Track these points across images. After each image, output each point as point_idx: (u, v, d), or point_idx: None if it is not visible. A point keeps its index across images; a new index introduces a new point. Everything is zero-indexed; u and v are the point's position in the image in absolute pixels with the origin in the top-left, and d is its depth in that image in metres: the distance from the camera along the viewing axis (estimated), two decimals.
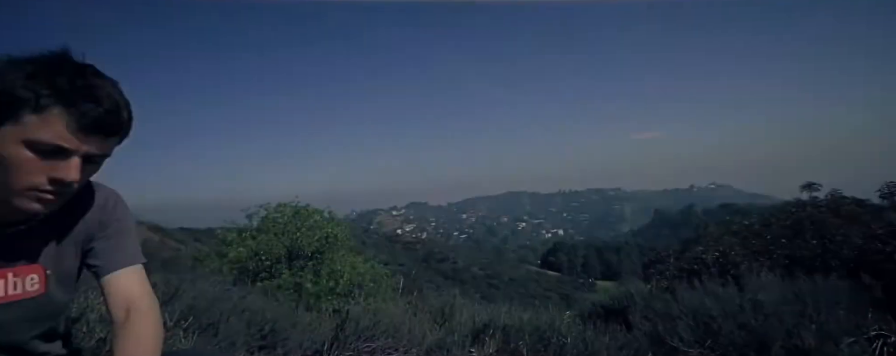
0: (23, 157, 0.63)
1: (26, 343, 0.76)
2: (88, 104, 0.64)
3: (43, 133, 0.62)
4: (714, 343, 2.77)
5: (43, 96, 0.62)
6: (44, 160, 0.64)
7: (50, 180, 0.65)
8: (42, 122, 0.62)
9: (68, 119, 0.63)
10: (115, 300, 0.81)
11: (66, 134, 0.63)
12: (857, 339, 2.55)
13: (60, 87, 0.63)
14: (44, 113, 0.62)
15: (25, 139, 0.62)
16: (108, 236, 0.83)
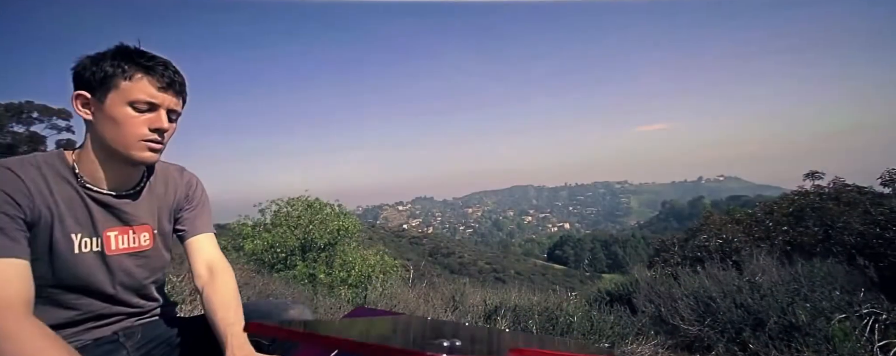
0: (128, 115, 0.83)
1: (144, 287, 0.95)
2: (160, 68, 0.85)
3: (137, 93, 0.83)
4: (713, 321, 2.93)
5: (127, 68, 0.83)
6: (142, 114, 0.84)
7: (150, 129, 0.85)
8: (133, 85, 0.83)
9: (150, 81, 0.84)
10: (197, 259, 1.01)
11: (153, 91, 0.84)
12: (849, 316, 2.70)
13: (137, 60, 0.84)
14: (132, 79, 0.83)
15: (127, 100, 0.83)
16: (192, 208, 1.03)
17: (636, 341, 2.88)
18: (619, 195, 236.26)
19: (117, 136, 0.83)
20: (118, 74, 0.82)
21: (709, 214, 5.77)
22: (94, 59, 0.83)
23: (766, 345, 2.55)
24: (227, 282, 0.98)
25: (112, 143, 0.84)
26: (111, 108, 0.82)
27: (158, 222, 0.97)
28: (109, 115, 0.82)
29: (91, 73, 0.81)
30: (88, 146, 0.86)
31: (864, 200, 4.59)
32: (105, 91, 0.82)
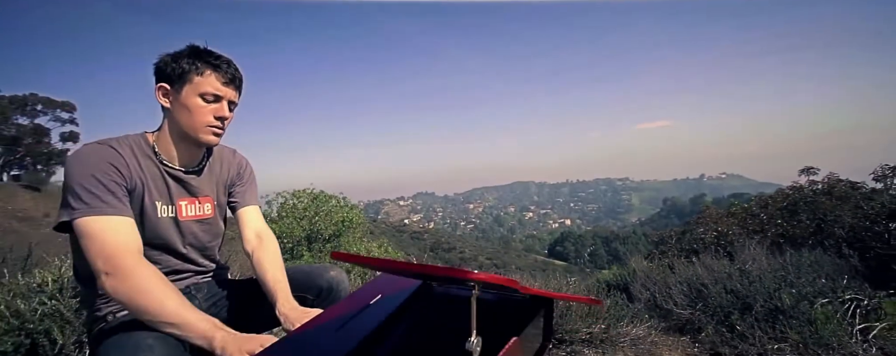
0: (198, 104, 1.01)
1: (207, 249, 1.12)
2: (224, 66, 1.03)
3: (206, 87, 1.01)
4: (704, 306, 3.11)
5: (199, 65, 1.00)
6: (209, 105, 1.02)
7: (215, 117, 1.03)
8: (203, 80, 1.00)
9: (217, 77, 1.02)
10: (247, 227, 1.18)
11: (219, 85, 1.02)
12: (831, 301, 2.87)
13: (207, 59, 1.01)
14: (203, 75, 1.00)
15: (198, 92, 1.00)
16: (242, 184, 1.21)
17: (631, 323, 3.06)
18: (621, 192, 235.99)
19: (189, 122, 1.00)
20: (192, 70, 0.99)
21: (706, 208, 5.93)
22: (173, 57, 0.99)
23: (752, 327, 2.73)
24: (273, 247, 1.16)
25: (185, 128, 1.00)
26: (185, 98, 0.99)
27: (217, 195, 1.15)
28: (184, 104, 0.99)
29: (171, 68, 0.98)
30: (165, 130, 1.03)
31: (855, 195, 4.75)
32: (181, 84, 0.99)
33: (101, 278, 0.84)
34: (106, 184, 0.90)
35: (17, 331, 1.58)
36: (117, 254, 0.85)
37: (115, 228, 0.88)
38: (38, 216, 20.56)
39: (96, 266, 0.85)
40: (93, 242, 0.86)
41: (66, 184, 0.90)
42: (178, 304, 0.84)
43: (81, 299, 1.03)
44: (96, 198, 0.88)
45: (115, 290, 0.83)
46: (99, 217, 0.87)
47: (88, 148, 0.94)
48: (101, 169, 0.90)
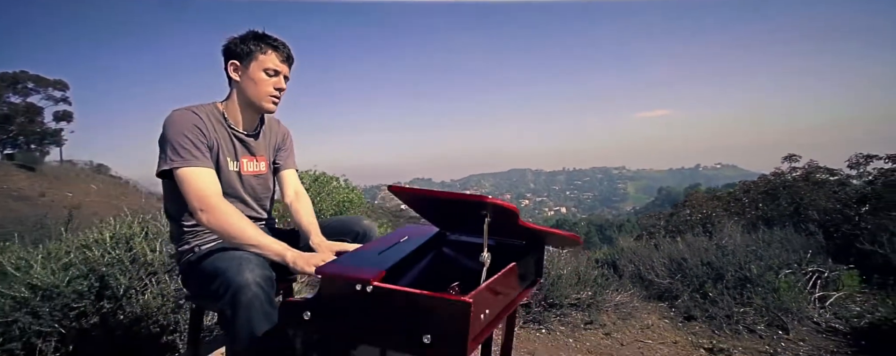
0: (262, 78, 1.23)
1: (261, 200, 1.37)
2: (281, 47, 1.26)
3: (269, 63, 1.23)
4: (682, 276, 3.42)
5: (263, 46, 1.23)
6: (270, 78, 1.24)
7: (275, 88, 1.25)
8: (267, 58, 1.23)
9: (277, 55, 1.24)
10: (287, 185, 1.44)
11: (278, 62, 1.25)
12: (794, 272, 3.19)
13: (268, 41, 1.24)
14: (266, 54, 1.23)
15: (263, 68, 1.23)
16: (285, 149, 1.45)
17: (615, 291, 3.37)
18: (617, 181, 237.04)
19: (255, 92, 1.23)
20: (257, 50, 1.22)
21: (693, 192, 6.23)
22: (241, 39, 1.22)
23: (722, 294, 3.04)
24: (307, 201, 1.42)
25: (251, 97, 1.24)
26: (252, 72, 1.22)
27: (269, 156, 1.39)
28: (251, 77, 1.22)
29: (240, 48, 1.21)
30: (234, 99, 1.26)
31: (831, 181, 5.05)
32: (249, 61, 1.22)
33: (197, 214, 1.08)
34: (195, 143, 1.14)
35: (88, 275, 1.85)
36: (207, 194, 1.10)
37: (203, 176, 1.12)
38: (34, 195, 20.56)
39: (191, 204, 1.10)
40: (189, 186, 1.10)
41: (163, 141, 1.13)
42: (256, 231, 1.09)
43: (172, 235, 1.27)
44: (189, 152, 1.12)
45: (209, 222, 1.07)
46: (192, 168, 1.11)
47: (178, 114, 1.17)
48: (190, 130, 1.14)
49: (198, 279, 1.14)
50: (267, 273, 1.00)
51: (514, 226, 0.99)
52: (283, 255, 1.05)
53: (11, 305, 1.71)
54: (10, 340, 1.68)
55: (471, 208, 0.89)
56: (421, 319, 0.79)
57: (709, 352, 2.53)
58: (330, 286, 0.85)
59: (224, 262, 1.01)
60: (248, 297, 0.93)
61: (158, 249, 2.12)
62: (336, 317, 0.85)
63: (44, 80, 29.73)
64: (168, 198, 1.23)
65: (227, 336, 1.00)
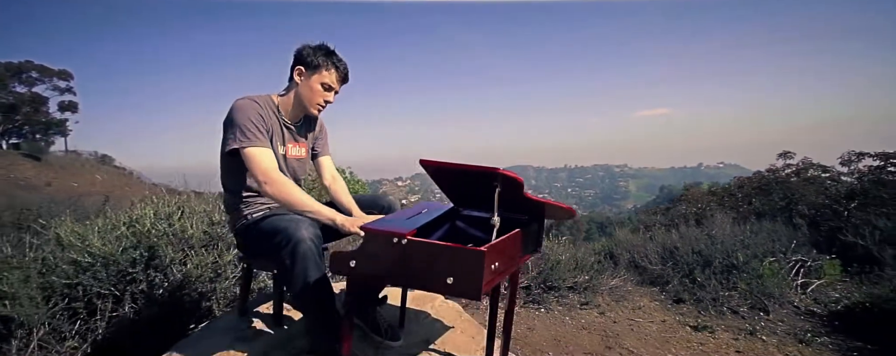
0: (318, 89, 1.43)
1: (299, 180, 1.59)
2: (342, 67, 1.47)
3: (328, 79, 1.42)
4: (674, 263, 3.64)
5: (329, 63, 1.44)
6: (324, 91, 1.44)
7: (324, 100, 1.46)
8: (328, 74, 1.42)
9: (336, 74, 1.44)
10: (325, 170, 1.65)
11: (335, 81, 1.44)
12: (777, 259, 3.40)
13: (333, 60, 1.45)
14: (328, 70, 1.42)
15: (321, 81, 1.42)
16: (322, 139, 1.67)
17: (611, 276, 3.59)
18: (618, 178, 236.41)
19: (309, 97, 1.44)
20: (323, 65, 1.42)
21: (690, 187, 6.43)
22: (313, 50, 1.42)
23: (710, 279, 3.26)
24: (343, 183, 1.64)
25: (303, 100, 1.45)
26: (312, 81, 1.43)
27: (309, 143, 1.61)
28: (309, 85, 1.43)
29: (310, 58, 1.41)
30: (290, 95, 1.47)
31: (823, 177, 5.24)
32: (313, 71, 1.42)
33: (262, 186, 1.29)
34: (258, 127, 1.34)
35: (137, 246, 2.08)
36: (270, 170, 1.30)
37: (266, 155, 1.33)
38: (40, 185, 20.85)
39: (257, 178, 1.30)
40: (254, 163, 1.31)
41: (230, 125, 1.34)
42: (311, 200, 1.30)
43: (227, 206, 1.48)
44: (253, 135, 1.33)
45: (273, 192, 1.28)
46: (257, 148, 1.32)
47: (243, 102, 1.38)
48: (254, 116, 1.35)
49: (256, 239, 1.36)
50: (317, 232, 1.22)
51: (518, 198, 1.20)
52: (333, 219, 1.26)
53: (75, 270, 1.94)
54: (75, 300, 1.91)
55: (484, 179, 1.11)
56: (445, 265, 1.00)
57: (693, 329, 2.76)
58: (372, 240, 1.07)
59: (284, 223, 1.23)
60: (304, 249, 1.15)
61: (194, 226, 2.34)
62: (376, 264, 1.07)
63: (48, 70, 29.91)
64: (227, 174, 1.44)
65: (284, 281, 1.22)
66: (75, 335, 1.89)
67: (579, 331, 2.73)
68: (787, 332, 2.69)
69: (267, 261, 1.42)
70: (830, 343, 2.54)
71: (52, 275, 1.94)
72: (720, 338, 2.62)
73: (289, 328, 1.51)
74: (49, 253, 2.07)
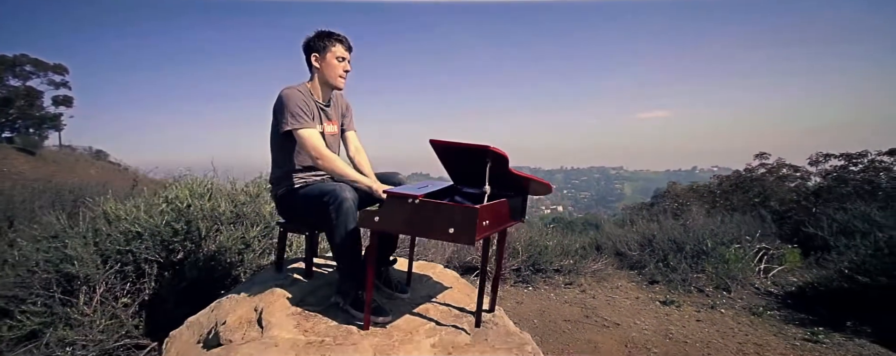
0: (335, 64, 1.70)
1: (336, 153, 1.91)
2: (345, 40, 1.80)
3: (339, 52, 1.70)
4: (651, 250, 3.99)
5: (332, 41, 1.76)
6: (340, 63, 1.73)
7: (343, 70, 1.75)
8: (336, 49, 1.69)
9: (342, 46, 1.71)
10: (350, 143, 1.98)
11: (343, 51, 1.71)
12: (742, 246, 3.77)
13: (335, 36, 1.78)
14: (335, 46, 1.70)
15: (335, 56, 1.70)
16: (348, 115, 1.99)
17: (594, 261, 3.94)
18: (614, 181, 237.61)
19: (331, 74, 1.77)
20: (329, 44, 1.73)
21: (672, 184, 6.82)
22: (316, 37, 1.73)
23: (681, 262, 3.62)
24: (365, 156, 1.96)
25: (328, 78, 1.77)
26: (328, 59, 1.75)
27: (338, 120, 1.93)
28: (327, 63, 1.75)
29: (317, 44, 1.73)
30: (315, 81, 1.79)
31: (794, 176, 5.63)
32: (325, 52, 1.74)
33: (315, 161, 1.61)
34: (305, 111, 1.66)
35: (178, 219, 2.39)
36: (320, 147, 1.62)
37: (315, 134, 1.65)
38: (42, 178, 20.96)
39: (311, 154, 1.62)
40: (306, 142, 1.63)
41: (281, 110, 1.64)
42: (352, 170, 1.63)
43: (273, 178, 1.80)
44: (303, 118, 1.64)
45: (324, 165, 1.60)
46: (307, 129, 1.64)
47: (289, 91, 1.69)
48: (301, 102, 1.67)
49: (302, 202, 1.67)
50: (356, 195, 1.54)
51: (505, 172, 1.54)
52: (368, 184, 1.59)
53: (126, 239, 2.26)
54: (126, 264, 2.23)
55: (479, 154, 1.44)
56: (448, 219, 1.33)
57: (662, 303, 3.11)
58: (392, 201, 1.40)
59: (331, 186, 1.55)
60: (347, 206, 1.48)
61: (224, 205, 2.66)
62: (395, 219, 1.40)
63: (43, 64, 29.85)
64: (279, 151, 1.76)
65: (328, 232, 1.54)
66: (127, 294, 2.20)
67: (562, 305, 3.07)
68: (744, 307, 3.05)
69: (303, 225, 1.75)
70: (779, 315, 2.90)
71: (105, 242, 2.25)
72: (684, 311, 2.97)
73: (316, 280, 1.84)
74: (101, 225, 2.38)
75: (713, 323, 2.76)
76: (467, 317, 1.70)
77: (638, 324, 2.72)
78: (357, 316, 1.55)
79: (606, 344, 2.44)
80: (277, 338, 1.39)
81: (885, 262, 2.89)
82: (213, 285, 2.43)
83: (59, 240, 2.26)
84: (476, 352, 1.45)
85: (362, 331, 1.47)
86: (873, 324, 2.64)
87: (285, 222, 1.82)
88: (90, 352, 1.90)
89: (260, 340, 1.38)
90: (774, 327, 2.71)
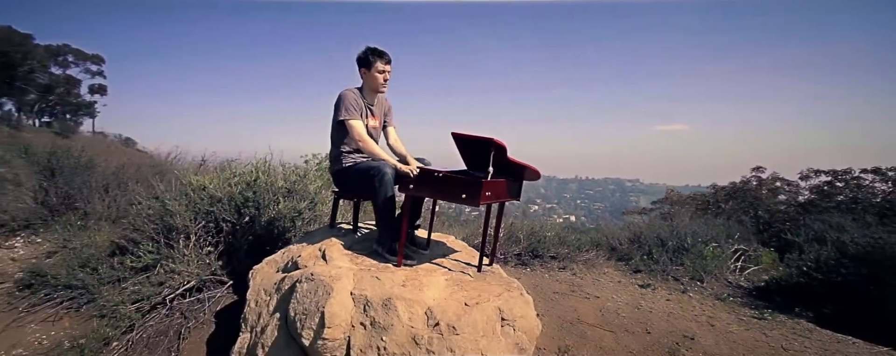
0: (377, 76, 2.29)
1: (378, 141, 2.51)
2: (386, 56, 2.38)
3: (380, 66, 2.29)
4: (639, 244, 4.49)
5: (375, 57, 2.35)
6: (381, 74, 2.35)
7: (383, 79, 2.38)
8: (378, 63, 2.31)
9: (383, 62, 2.35)
10: (390, 136, 2.57)
11: (384, 66, 2.34)
12: (720, 245, 4.23)
13: (379, 53, 2.36)
14: (378, 60, 2.34)
15: (377, 69, 2.33)
16: (389, 114, 2.59)
17: (586, 252, 4.46)
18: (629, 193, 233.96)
19: (374, 83, 2.36)
20: (373, 59, 2.32)
21: (671, 191, 7.24)
22: (364, 53, 2.32)
23: (663, 255, 4.11)
24: (402, 144, 2.55)
25: (372, 85, 2.37)
26: (373, 72, 2.34)
27: (381, 117, 2.53)
28: (371, 75, 2.34)
29: (366, 59, 2.33)
30: (365, 86, 2.38)
31: (785, 189, 6.02)
32: (369, 66, 2.34)
33: (358, 144, 2.20)
34: (356, 107, 2.26)
35: (247, 190, 3.03)
36: (363, 134, 2.22)
37: (360, 125, 2.24)
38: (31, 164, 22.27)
39: (355, 139, 2.19)
40: (353, 130, 2.21)
41: (340, 105, 2.22)
42: (386, 153, 2.21)
43: (331, 156, 2.40)
44: (354, 111, 2.24)
45: (365, 148, 2.18)
46: (356, 120, 2.24)
47: (347, 92, 2.28)
48: (355, 100, 2.26)
49: (354, 176, 2.27)
50: (394, 171, 2.13)
51: (506, 160, 2.11)
52: (396, 166, 2.18)
53: (210, 203, 2.90)
54: (209, 222, 2.87)
55: (486, 144, 2.01)
56: (461, 187, 1.91)
57: (640, 287, 3.61)
58: (423, 174, 1.99)
59: (377, 163, 2.14)
60: (388, 178, 2.07)
61: (280, 181, 3.29)
62: (424, 186, 1.99)
63: (83, 54, 31.75)
64: (334, 135, 2.36)
65: (372, 197, 2.13)
66: (210, 244, 2.84)
67: (554, 282, 3.60)
68: (711, 294, 3.53)
69: (352, 194, 2.35)
70: (741, 302, 3.38)
71: (195, 204, 2.90)
72: (658, 293, 3.47)
73: (359, 236, 2.43)
74: (189, 191, 3.03)
75: (679, 302, 3.26)
76: (472, 268, 2.27)
77: (615, 298, 3.24)
78: (391, 260, 2.14)
79: (585, 309, 2.97)
80: (339, 265, 1.99)
81: (839, 262, 3.35)
82: (271, 243, 3.06)
83: (160, 200, 2.92)
84: (477, 285, 2.02)
85: (395, 267, 2.06)
86: (816, 311, 3.10)
87: (338, 192, 2.43)
88: (188, 281, 2.54)
89: (327, 266, 1.99)
90: (731, 308, 3.20)
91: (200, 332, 2.28)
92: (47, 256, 2.89)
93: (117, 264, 2.62)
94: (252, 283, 2.17)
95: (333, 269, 1.93)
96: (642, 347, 2.45)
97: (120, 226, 3.02)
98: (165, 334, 2.22)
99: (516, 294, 2.00)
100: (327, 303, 1.67)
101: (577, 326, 2.70)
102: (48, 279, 2.46)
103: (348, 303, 1.72)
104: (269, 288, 2.04)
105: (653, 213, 6.71)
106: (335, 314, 1.65)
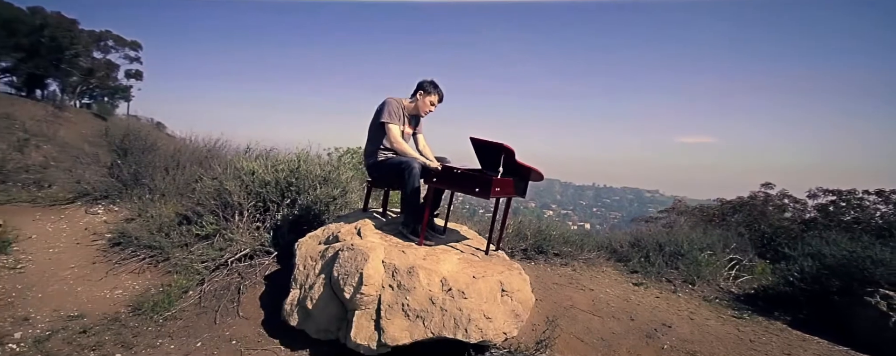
0: (427, 105, 2.81)
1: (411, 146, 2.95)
2: (441, 94, 2.84)
3: (434, 99, 2.82)
4: (638, 248, 4.81)
5: (435, 91, 2.81)
6: (431, 106, 2.83)
7: (429, 109, 2.83)
8: (433, 97, 2.81)
9: (437, 97, 2.83)
10: (419, 141, 3.01)
11: (436, 100, 2.84)
12: (714, 252, 4.51)
13: (437, 89, 2.83)
14: (433, 95, 2.81)
15: (430, 100, 2.81)
16: (421, 126, 3.02)
17: (589, 251, 4.81)
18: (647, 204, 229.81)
19: (423, 108, 2.79)
20: (432, 92, 2.76)
21: (678, 201, 7.44)
22: (429, 83, 2.76)
23: (660, 259, 4.43)
24: (429, 149, 2.98)
25: (419, 108, 2.80)
26: (426, 100, 2.77)
27: (414, 128, 2.96)
28: (424, 101, 2.77)
29: (427, 87, 2.76)
30: (414, 103, 2.81)
31: (791, 206, 6.20)
32: (426, 94, 2.77)
33: (393, 144, 2.63)
34: (397, 114, 2.68)
35: (291, 176, 3.52)
36: (398, 137, 2.63)
37: (397, 129, 2.66)
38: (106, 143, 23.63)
39: (391, 140, 2.62)
40: (392, 133, 2.63)
41: (383, 109, 2.65)
42: (416, 152, 2.64)
43: (367, 151, 2.84)
44: (395, 117, 2.66)
45: (396, 147, 2.61)
46: (394, 124, 2.66)
47: (392, 99, 2.71)
48: (397, 108, 2.69)
49: (386, 169, 2.71)
50: (420, 166, 2.56)
51: (515, 162, 2.51)
52: (427, 164, 2.61)
53: (260, 184, 3.40)
54: (259, 201, 3.37)
55: (497, 148, 2.41)
56: (475, 182, 2.33)
57: (634, 284, 3.95)
58: (444, 170, 2.41)
59: (407, 158, 2.57)
60: (415, 171, 2.50)
61: (318, 170, 3.77)
62: (445, 180, 2.41)
63: (122, 40, 33.55)
64: (372, 133, 2.80)
65: (401, 187, 2.56)
66: (259, 220, 3.34)
67: (554, 275, 3.98)
68: (699, 296, 3.84)
69: (383, 184, 2.79)
70: (725, 304, 3.68)
71: (247, 185, 3.40)
72: (649, 291, 3.81)
73: (390, 219, 2.88)
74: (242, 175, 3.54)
75: (667, 300, 3.59)
76: (480, 252, 2.69)
77: (608, 291, 3.59)
78: (414, 239, 2.58)
79: (579, 298, 3.34)
80: (371, 240, 2.44)
81: (819, 273, 3.62)
82: (307, 223, 3.54)
83: (219, 180, 3.44)
84: (484, 263, 2.43)
85: (417, 246, 2.49)
86: (793, 315, 3.39)
87: (371, 181, 2.88)
88: (243, 249, 3.03)
89: (363, 240, 2.43)
90: (715, 308, 3.51)
91: (254, 290, 2.77)
92: (126, 222, 3.44)
93: (185, 232, 3.14)
94: (299, 252, 2.64)
95: (368, 242, 2.37)
96: (624, 330, 2.81)
97: (185, 200, 3.56)
98: (227, 289, 2.72)
99: (516, 273, 2.40)
100: (365, 266, 2.11)
101: (570, 310, 3.08)
102: (132, 239, 3.00)
103: (380, 268, 2.16)
104: (314, 255, 2.50)
105: (659, 222, 6.96)
106: (371, 275, 2.09)
